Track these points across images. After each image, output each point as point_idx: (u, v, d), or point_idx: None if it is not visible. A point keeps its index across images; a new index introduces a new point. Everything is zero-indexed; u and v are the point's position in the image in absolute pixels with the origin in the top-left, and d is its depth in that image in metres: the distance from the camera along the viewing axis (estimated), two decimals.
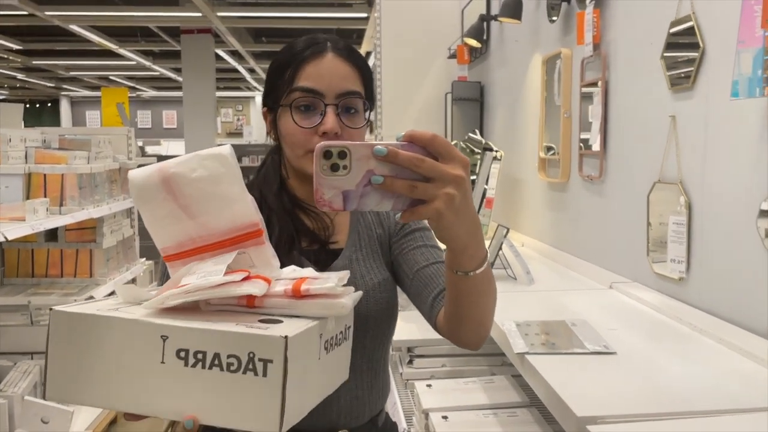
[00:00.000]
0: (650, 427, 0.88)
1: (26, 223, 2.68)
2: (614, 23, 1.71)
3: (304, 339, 0.66)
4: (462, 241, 0.71)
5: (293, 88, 0.93)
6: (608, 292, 1.61)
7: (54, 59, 11.67)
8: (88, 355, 0.68)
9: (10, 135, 3.09)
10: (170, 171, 0.76)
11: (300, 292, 0.70)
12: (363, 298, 0.91)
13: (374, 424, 1.01)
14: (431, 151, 0.64)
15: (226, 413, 0.63)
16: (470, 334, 0.86)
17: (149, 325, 0.66)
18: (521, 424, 1.42)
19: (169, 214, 0.76)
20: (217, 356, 0.63)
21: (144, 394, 0.66)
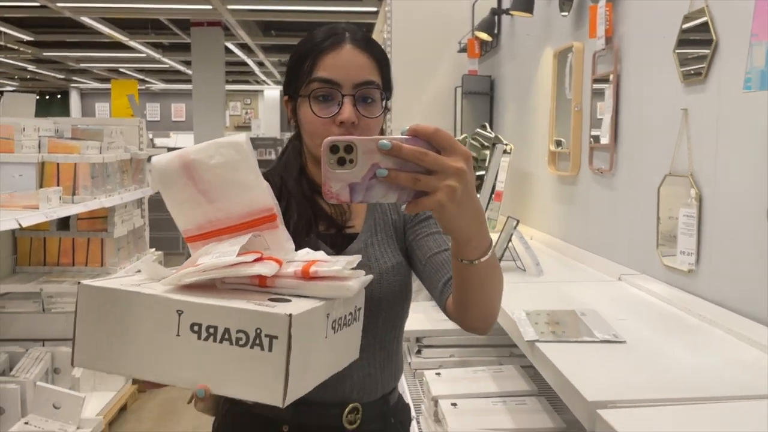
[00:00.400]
0: (660, 412, 0.89)
1: (40, 211, 2.72)
2: (627, 16, 1.72)
3: (310, 318, 0.70)
4: (465, 232, 0.73)
5: (312, 78, 0.96)
6: (617, 284, 1.62)
7: (64, 51, 11.73)
8: (112, 326, 0.73)
9: (24, 124, 3.13)
10: (190, 158, 0.80)
11: (309, 274, 0.73)
12: (376, 281, 0.94)
13: (386, 402, 1.04)
14: (434, 145, 0.66)
15: (234, 384, 0.68)
16: (477, 320, 0.90)
17: (166, 300, 0.71)
18: (530, 412, 1.43)
19: (189, 199, 0.81)
20: (227, 331, 0.68)
21: (161, 364, 0.71)
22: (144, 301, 0.71)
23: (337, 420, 0.99)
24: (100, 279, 0.76)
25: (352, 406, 0.99)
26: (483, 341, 1.99)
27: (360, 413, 1.00)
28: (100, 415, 3.00)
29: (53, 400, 2.86)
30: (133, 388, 3.45)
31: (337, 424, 0.99)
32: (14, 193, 2.86)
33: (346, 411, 0.99)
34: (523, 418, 1.40)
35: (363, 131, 0.96)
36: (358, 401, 1.00)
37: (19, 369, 3.08)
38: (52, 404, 2.86)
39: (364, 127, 0.96)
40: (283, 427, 0.99)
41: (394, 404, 1.07)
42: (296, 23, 9.48)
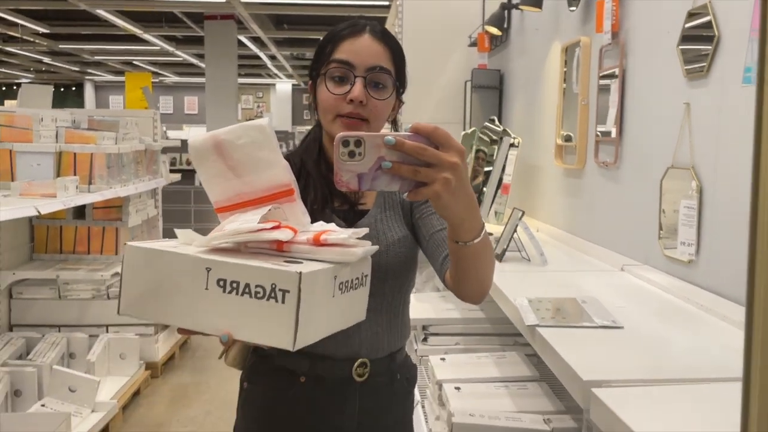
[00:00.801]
0: (652, 391, 0.93)
1: (57, 199, 2.79)
2: (633, 12, 1.74)
3: (318, 277, 0.81)
4: (459, 217, 0.83)
5: (330, 60, 1.06)
6: (619, 273, 1.66)
7: (79, 43, 11.85)
8: (151, 280, 0.85)
9: (42, 115, 3.20)
10: (220, 138, 0.91)
11: (319, 241, 0.85)
12: (383, 251, 1.07)
13: (393, 359, 1.15)
14: (433, 141, 0.76)
15: (253, 331, 0.80)
16: (471, 292, 1.01)
17: (197, 259, 0.82)
18: (531, 396, 1.47)
19: (219, 174, 0.92)
20: (248, 285, 0.79)
21: (191, 314, 0.82)
22: (179, 259, 0.83)
23: (347, 372, 1.09)
24: (142, 242, 0.88)
25: (360, 361, 1.10)
26: (487, 330, 2.03)
27: (368, 368, 1.10)
28: (114, 398, 3.07)
29: (69, 384, 2.94)
30: (147, 374, 3.53)
31: (347, 376, 1.09)
32: (32, 182, 2.93)
33: (355, 365, 1.09)
34: (524, 402, 1.44)
35: (371, 111, 1.05)
36: (367, 357, 1.10)
37: (35, 353, 3.17)
38: (67, 387, 2.94)
39: (372, 107, 1.05)
40: (300, 377, 1.10)
41: (401, 362, 1.17)
42: (309, 17, 9.52)
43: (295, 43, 11.85)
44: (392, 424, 1.16)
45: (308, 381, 1.10)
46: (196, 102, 18.15)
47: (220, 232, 0.84)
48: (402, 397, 1.18)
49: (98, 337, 3.37)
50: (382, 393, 1.13)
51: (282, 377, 1.11)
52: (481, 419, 1.31)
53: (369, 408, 1.11)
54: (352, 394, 1.10)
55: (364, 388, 1.11)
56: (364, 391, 1.11)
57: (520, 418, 1.32)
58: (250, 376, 1.16)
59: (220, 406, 3.33)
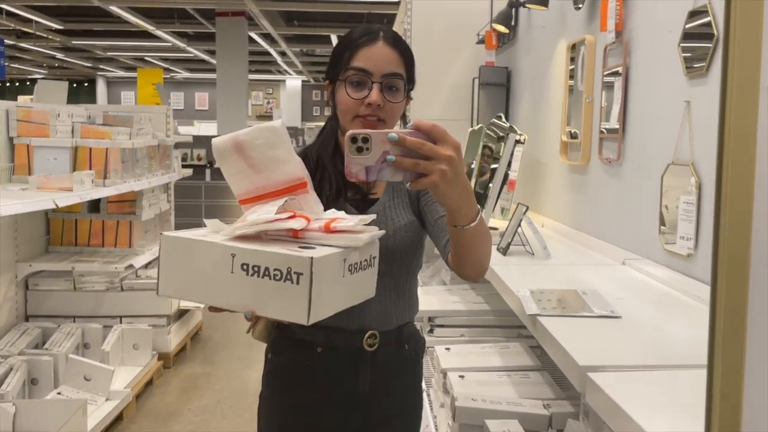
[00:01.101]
0: (646, 376, 0.97)
1: (74, 192, 2.86)
2: (636, 11, 1.78)
3: (328, 261, 0.91)
4: (455, 204, 0.94)
5: (349, 67, 1.17)
6: (620, 267, 1.70)
7: (92, 39, 11.96)
8: (185, 265, 0.97)
9: (59, 110, 3.27)
10: (240, 139, 1.03)
11: (330, 228, 0.96)
12: (391, 235, 1.18)
13: (401, 332, 1.26)
14: (431, 137, 0.87)
15: (273, 308, 0.91)
16: (470, 271, 1.12)
17: (223, 246, 0.93)
18: (532, 384, 1.52)
19: (240, 171, 1.03)
20: (267, 269, 0.90)
21: (220, 293, 0.94)
22: (208, 247, 0.95)
23: (358, 343, 1.21)
24: (176, 231, 1.00)
25: (370, 333, 1.22)
26: (492, 322, 2.08)
27: (377, 339, 1.22)
28: (128, 387, 3.15)
29: (84, 373, 3.02)
30: (159, 364, 3.61)
31: (359, 346, 1.21)
32: (49, 176, 3.01)
33: (365, 336, 1.21)
34: (525, 390, 1.49)
35: (387, 112, 1.17)
36: (376, 329, 1.22)
37: (51, 343, 3.24)
38: (83, 376, 3.02)
39: (388, 109, 1.17)
40: (317, 348, 1.22)
41: (409, 334, 1.29)
42: (319, 13, 9.57)
43: (305, 39, 11.90)
44: (401, 389, 1.28)
45: (324, 351, 1.22)
46: (207, 98, 18.27)
47: (243, 222, 0.96)
48: (410, 364, 1.30)
49: (112, 328, 3.44)
50: (391, 361, 1.25)
51: (301, 348, 1.23)
52: (483, 404, 1.36)
53: (379, 374, 1.23)
54: (364, 362, 1.22)
55: (374, 357, 1.22)
56: (374, 360, 1.23)
57: (521, 404, 1.37)
58: (274, 348, 1.30)
59: (231, 395, 3.40)
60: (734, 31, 0.43)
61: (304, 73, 17.16)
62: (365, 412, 1.24)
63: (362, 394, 1.23)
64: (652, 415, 0.83)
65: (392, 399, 1.27)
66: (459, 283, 2.44)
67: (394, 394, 1.27)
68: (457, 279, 2.50)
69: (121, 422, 3.04)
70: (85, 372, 3.02)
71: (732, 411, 0.44)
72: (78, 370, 3.02)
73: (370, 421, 1.25)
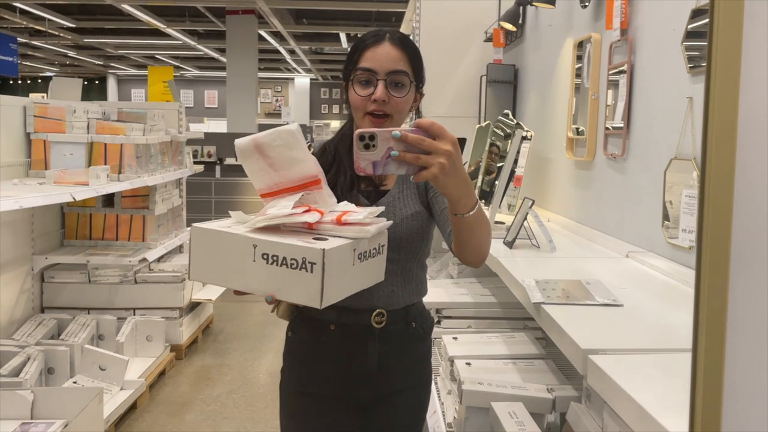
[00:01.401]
0: (644, 358, 1.02)
1: (90, 187, 2.93)
2: (641, 10, 1.82)
3: (339, 251, 1.01)
4: (455, 194, 1.04)
5: (356, 67, 1.27)
6: (624, 260, 1.74)
7: (104, 37, 12.08)
8: (212, 253, 1.07)
9: (75, 107, 3.34)
10: (260, 140, 1.13)
11: (341, 221, 1.06)
12: (398, 224, 1.28)
13: (407, 311, 1.36)
14: (430, 134, 0.98)
15: (290, 293, 1.02)
16: (471, 257, 1.22)
17: (246, 237, 1.04)
18: (536, 372, 1.57)
19: (260, 169, 1.14)
20: (285, 258, 1.01)
21: (243, 279, 1.05)
22: (232, 238, 1.05)
23: (367, 321, 1.31)
24: (205, 222, 1.10)
25: (378, 311, 1.32)
26: (498, 314, 2.13)
27: (385, 317, 1.32)
28: (142, 377, 3.22)
29: (99, 362, 3.09)
30: (171, 355, 3.68)
31: (367, 324, 1.32)
32: (66, 171, 3.08)
33: (373, 314, 1.31)
34: (530, 376, 1.54)
35: (393, 107, 1.25)
36: (384, 308, 1.32)
37: (67, 334, 3.32)
38: (98, 366, 3.09)
39: (394, 104, 1.25)
40: (331, 326, 1.33)
41: (416, 314, 1.38)
42: (328, 11, 9.62)
43: (314, 37, 11.96)
44: (408, 364, 1.38)
45: (337, 328, 1.32)
46: (216, 96, 18.37)
47: (263, 215, 1.07)
48: (418, 341, 1.39)
49: (126, 320, 3.52)
50: (398, 338, 1.34)
51: (316, 326, 1.34)
52: (489, 387, 1.41)
53: (387, 349, 1.33)
54: (372, 338, 1.32)
55: (382, 334, 1.32)
56: (382, 336, 1.33)
57: (526, 388, 1.42)
58: (293, 327, 1.40)
59: (242, 386, 3.47)
60: (717, 30, 0.47)
61: (313, 71, 17.22)
62: (375, 384, 1.34)
63: (372, 367, 1.33)
64: (651, 396, 0.87)
65: (400, 373, 1.36)
66: (466, 276, 2.49)
67: (401, 369, 1.36)
68: (464, 272, 2.55)
69: (135, 411, 3.11)
70: (100, 362, 3.09)
71: (714, 392, 0.48)
72: (93, 360, 3.10)
73: (380, 393, 1.35)
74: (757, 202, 0.48)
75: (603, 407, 1.06)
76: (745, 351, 0.47)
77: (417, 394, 1.41)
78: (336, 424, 1.34)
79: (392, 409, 1.36)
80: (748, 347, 0.47)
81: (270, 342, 4.15)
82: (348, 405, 1.35)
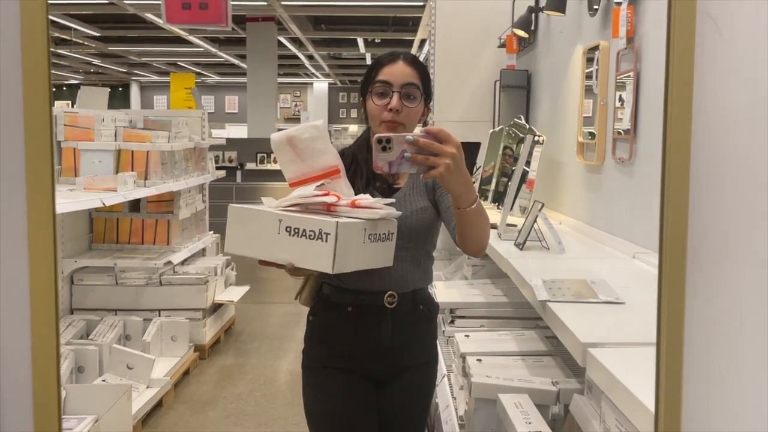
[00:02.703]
0: (642, 352, 1.08)
1: (118, 192, 3.05)
2: (646, 19, 1.88)
3: (350, 227, 1.20)
4: (457, 190, 1.24)
5: (374, 80, 1.46)
6: (630, 260, 1.80)
7: (128, 45, 12.35)
8: (244, 228, 1.27)
9: (103, 116, 3.48)
10: (291, 134, 1.34)
11: (355, 204, 1.27)
12: (408, 217, 1.46)
13: (415, 294, 1.53)
14: (438, 139, 1.17)
15: (307, 260, 1.21)
16: (471, 247, 1.41)
17: (273, 213, 1.24)
18: (545, 368, 1.64)
19: (290, 159, 1.35)
20: (305, 230, 1.20)
21: (269, 249, 1.24)
22: (261, 214, 1.26)
23: (380, 301, 1.48)
24: (240, 203, 1.30)
25: (389, 293, 1.48)
26: (510, 314, 2.20)
27: (396, 298, 1.49)
28: (167, 376, 3.34)
29: (127, 361, 3.21)
30: (195, 355, 3.80)
31: (380, 304, 1.48)
32: (95, 177, 3.22)
33: (386, 295, 1.48)
34: (538, 371, 1.61)
35: (406, 117, 1.44)
36: (395, 290, 1.49)
37: (95, 334, 3.45)
38: (126, 365, 3.21)
39: (406, 114, 1.44)
40: (348, 308, 1.50)
41: (422, 298, 1.55)
42: (346, 17, 9.74)
43: (332, 43, 12.10)
44: (417, 343, 1.54)
45: (353, 310, 1.49)
46: (237, 101, 18.63)
47: (289, 198, 1.29)
48: (424, 321, 1.56)
49: (152, 321, 3.64)
50: (407, 317, 1.51)
51: (334, 309, 1.51)
52: (497, 380, 1.48)
53: (398, 328, 1.49)
54: (385, 317, 1.49)
55: (393, 313, 1.49)
56: (393, 315, 1.49)
57: (531, 381, 1.49)
58: (314, 311, 1.57)
59: (263, 384, 3.57)
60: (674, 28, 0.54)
61: (331, 76, 17.39)
62: (387, 361, 1.51)
63: (384, 345, 1.49)
64: (645, 386, 0.93)
65: (410, 350, 1.52)
66: (480, 277, 2.56)
67: (411, 346, 1.52)
68: (478, 274, 2.62)
69: (161, 408, 3.23)
70: (127, 361, 3.21)
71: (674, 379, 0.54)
72: (121, 359, 3.22)
73: (392, 369, 1.52)
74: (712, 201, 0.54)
75: (601, 397, 1.13)
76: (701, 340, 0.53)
77: (425, 371, 1.57)
78: (353, 396, 1.49)
79: (403, 383, 1.52)
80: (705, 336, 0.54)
81: (290, 342, 4.25)
82: (364, 379, 1.50)
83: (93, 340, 3.36)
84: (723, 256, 0.53)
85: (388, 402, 1.52)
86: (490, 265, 2.55)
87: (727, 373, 0.54)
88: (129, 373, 3.20)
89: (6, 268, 0.56)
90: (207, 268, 4.02)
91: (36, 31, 0.51)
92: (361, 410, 1.50)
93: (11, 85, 0.52)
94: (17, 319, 0.56)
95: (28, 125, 0.53)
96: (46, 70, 0.52)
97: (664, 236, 0.52)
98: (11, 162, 0.54)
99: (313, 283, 1.56)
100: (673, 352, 0.52)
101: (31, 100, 0.52)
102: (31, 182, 0.54)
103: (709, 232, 0.53)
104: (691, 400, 0.53)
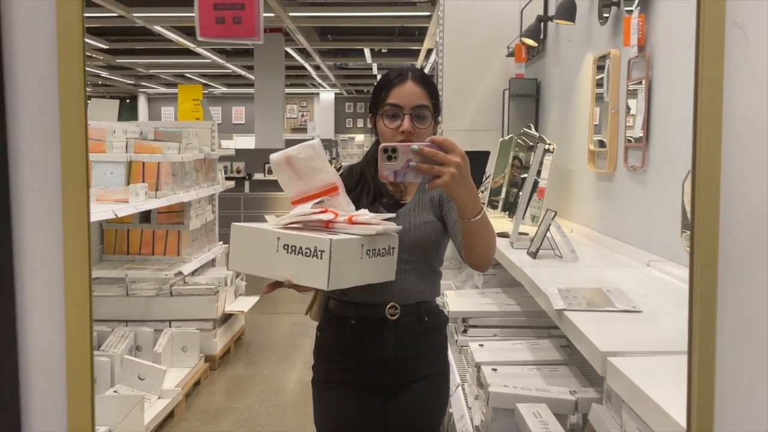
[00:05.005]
0: (661, 360, 1.08)
1: (130, 204, 3.07)
2: (657, 27, 1.89)
3: (345, 243, 1.22)
4: (462, 200, 1.24)
5: (385, 103, 1.47)
6: (645, 268, 1.79)
7: (135, 58, 12.46)
8: (247, 246, 1.30)
9: (114, 127, 3.51)
10: (289, 154, 1.37)
11: (352, 221, 1.27)
12: (410, 230, 1.46)
13: (419, 306, 1.52)
14: (443, 148, 1.18)
15: (304, 277, 1.22)
16: (478, 260, 1.40)
17: (272, 232, 1.26)
18: (560, 377, 1.63)
19: (289, 179, 1.38)
20: (301, 248, 1.22)
21: (269, 267, 1.26)
22: (261, 233, 1.28)
23: (382, 313, 1.48)
24: (244, 223, 1.32)
25: (391, 304, 1.48)
26: (523, 323, 2.19)
27: (398, 309, 1.48)
28: (179, 387, 3.34)
29: (138, 372, 3.22)
30: (206, 366, 3.80)
31: (382, 316, 1.48)
32: (107, 188, 3.24)
33: (387, 307, 1.48)
34: (554, 381, 1.60)
35: (417, 137, 1.43)
36: (397, 302, 1.48)
37: (107, 345, 3.46)
38: (137, 376, 3.22)
39: (418, 135, 1.44)
40: (351, 321, 1.51)
41: (428, 309, 1.54)
42: (352, 28, 9.80)
43: (339, 53, 12.16)
44: (422, 353, 1.52)
45: (356, 322, 1.50)
46: (244, 112, 18.73)
47: (288, 216, 1.31)
48: (431, 333, 1.54)
49: (162, 331, 3.64)
50: (411, 329, 1.50)
51: (339, 323, 1.52)
52: (514, 390, 1.48)
53: (401, 339, 1.49)
54: (387, 329, 1.49)
55: (396, 325, 1.48)
56: (396, 327, 1.49)
57: (549, 390, 1.48)
58: (321, 327, 1.58)
59: (274, 395, 3.56)
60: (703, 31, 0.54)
61: (338, 86, 17.46)
62: (394, 373, 1.50)
63: (389, 357, 1.49)
64: (668, 395, 0.93)
65: (417, 363, 1.51)
66: (491, 286, 2.55)
67: (417, 358, 1.51)
68: (489, 282, 2.62)
69: (172, 419, 3.22)
70: (139, 372, 3.21)
71: (707, 387, 0.54)
72: (133, 370, 3.22)
73: (400, 381, 1.51)
74: (745, 208, 0.54)
75: (622, 407, 1.12)
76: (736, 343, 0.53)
77: (434, 383, 1.54)
78: (360, 410, 1.49)
79: (412, 396, 1.51)
80: (739, 339, 0.54)
81: (299, 353, 4.25)
82: (371, 393, 1.50)
83: (104, 351, 3.37)
84: (753, 263, 0.54)
85: (396, 415, 1.51)
86: (501, 273, 2.55)
87: (758, 382, 0.54)
88: (140, 384, 3.20)
89: (41, 277, 0.57)
90: (217, 279, 4.03)
91: (72, 47, 0.52)
92: (368, 425, 1.50)
93: (48, 100, 0.53)
94: (52, 326, 0.57)
95: (64, 138, 0.54)
96: (81, 85, 0.53)
97: (695, 243, 0.53)
98: (48, 173, 0.55)
99: (321, 298, 1.57)
100: (705, 362, 0.52)
101: (67, 113, 0.53)
102: (67, 194, 0.55)
103: (739, 239, 0.53)
104: (723, 408, 0.53)
